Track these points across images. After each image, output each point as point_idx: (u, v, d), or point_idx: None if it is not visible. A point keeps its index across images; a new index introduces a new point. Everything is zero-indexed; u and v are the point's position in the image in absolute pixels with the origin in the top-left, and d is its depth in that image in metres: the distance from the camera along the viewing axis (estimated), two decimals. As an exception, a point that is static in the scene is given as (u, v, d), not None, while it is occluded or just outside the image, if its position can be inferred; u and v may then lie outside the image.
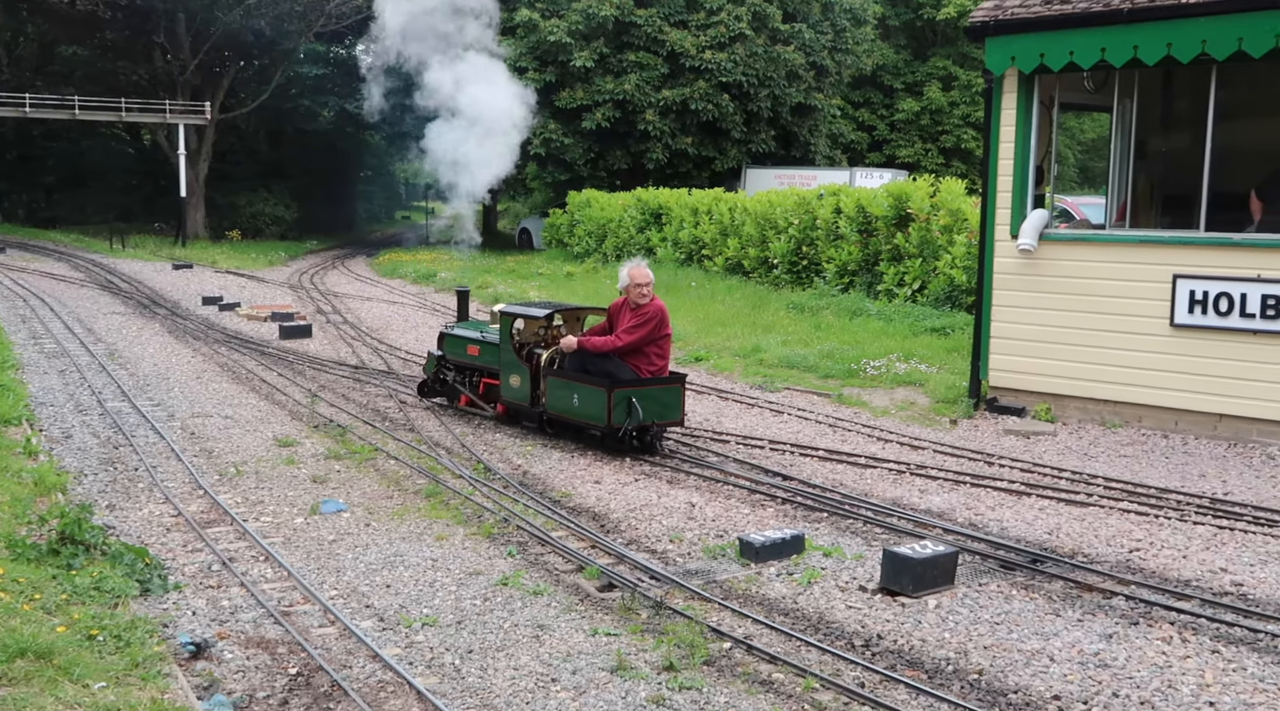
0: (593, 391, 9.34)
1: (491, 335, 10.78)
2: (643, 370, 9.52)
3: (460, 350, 11.16)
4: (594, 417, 9.37)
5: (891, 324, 15.87)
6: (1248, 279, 9.55)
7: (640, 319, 9.53)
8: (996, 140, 11.10)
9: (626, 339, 9.47)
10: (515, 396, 10.30)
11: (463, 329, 11.36)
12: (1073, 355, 10.70)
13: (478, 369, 11.04)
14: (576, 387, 9.54)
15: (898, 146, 40.40)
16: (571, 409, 9.63)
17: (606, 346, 9.53)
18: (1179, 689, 5.09)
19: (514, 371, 10.25)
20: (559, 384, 9.77)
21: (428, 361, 11.71)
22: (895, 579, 6.35)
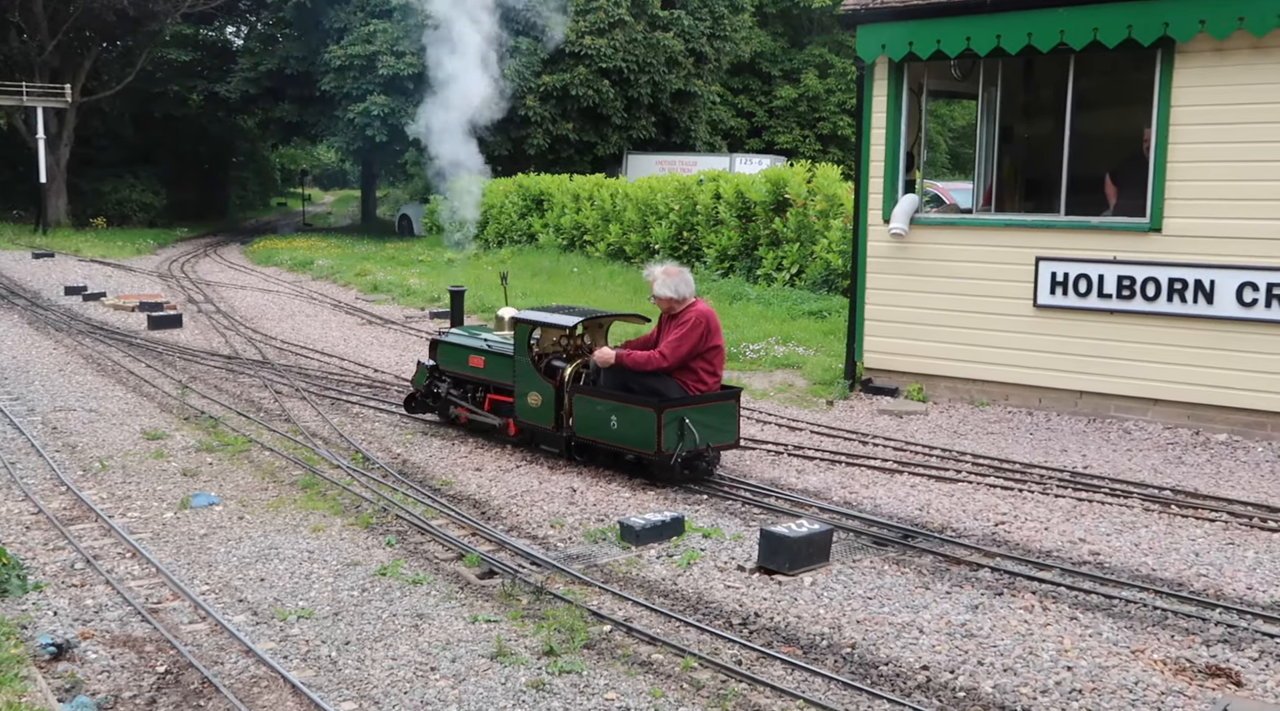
0: (638, 412, 8.01)
1: (501, 345, 9.36)
2: (691, 389, 8.21)
3: (459, 361, 9.71)
4: (638, 442, 8.05)
5: (770, 308, 16.12)
6: (1104, 261, 9.95)
7: (683, 329, 8.16)
8: (868, 127, 11.34)
9: (671, 354, 8.12)
10: (533, 417, 8.83)
11: (461, 336, 9.88)
12: (943, 336, 11.00)
13: (482, 383, 9.57)
14: (615, 408, 8.17)
15: (776, 133, 40.95)
16: (608, 432, 8.24)
17: (651, 364, 8.17)
18: (1039, 655, 5.30)
19: (532, 388, 8.77)
20: (591, 403, 8.38)
21: (417, 373, 10.21)
22: (772, 558, 6.47)
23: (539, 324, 8.85)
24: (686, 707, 4.84)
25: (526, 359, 8.84)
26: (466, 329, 10.12)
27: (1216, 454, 9.07)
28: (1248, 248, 9.21)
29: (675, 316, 8.32)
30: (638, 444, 8.07)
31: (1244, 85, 9.14)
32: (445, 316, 17.63)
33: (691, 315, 8.21)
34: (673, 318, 8.33)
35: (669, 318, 8.38)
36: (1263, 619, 5.71)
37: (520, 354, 8.90)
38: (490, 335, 9.70)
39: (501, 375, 9.23)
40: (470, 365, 9.58)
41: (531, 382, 8.79)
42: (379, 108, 32.99)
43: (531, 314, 9.00)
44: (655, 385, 8.17)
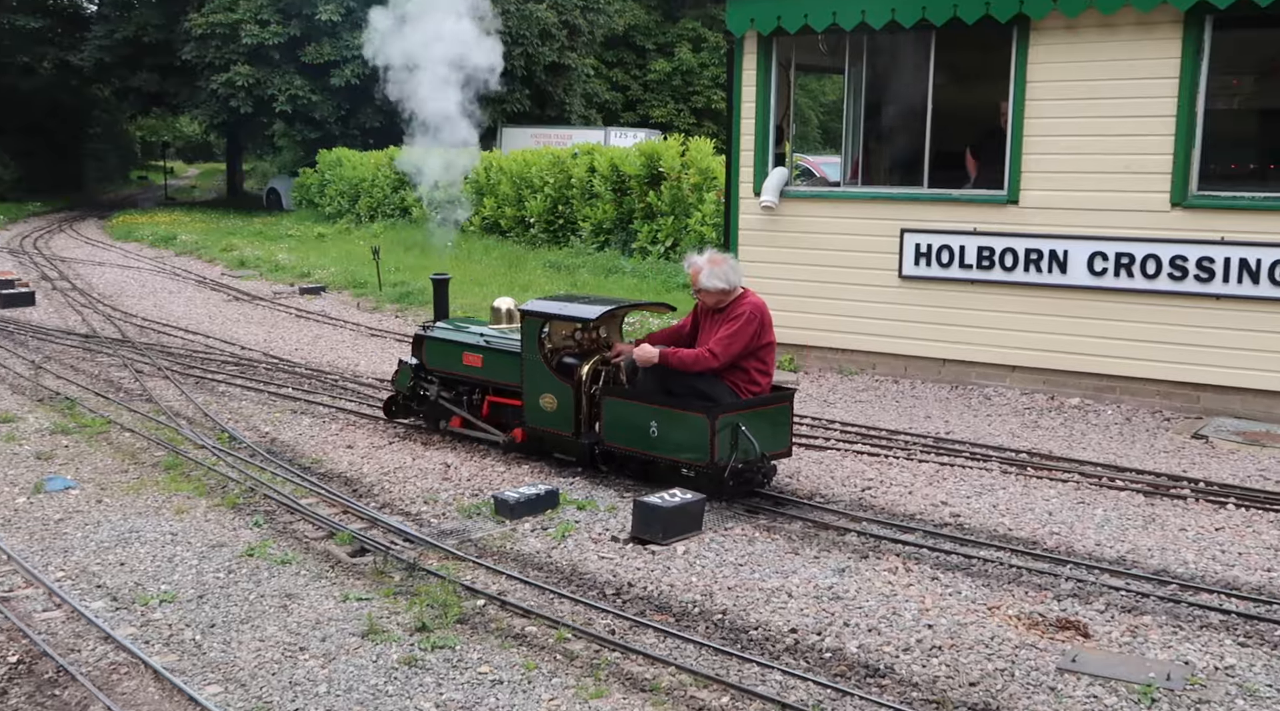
0: (687, 419, 7.02)
1: (503, 340, 8.32)
2: (742, 391, 7.24)
3: (450, 359, 8.60)
4: (687, 452, 7.06)
5: (646, 281, 16.21)
6: (965, 232, 10.25)
7: (735, 325, 7.16)
8: (739, 100, 11.45)
9: (723, 354, 7.12)
10: (547, 422, 7.81)
11: (452, 331, 8.79)
12: (813, 307, 11.21)
13: (479, 384, 8.51)
14: (658, 413, 7.17)
15: (651, 106, 41.04)
16: (647, 440, 7.23)
17: (700, 364, 7.16)
18: (902, 615, 5.47)
19: (546, 389, 7.75)
20: (626, 408, 7.38)
21: (399, 373, 9.00)
22: (645, 528, 6.52)
23: (552, 316, 7.79)
24: (560, 678, 4.87)
25: (537, 356, 7.76)
26: (453, 322, 8.99)
27: (1069, 417, 9.46)
28: (1098, 219, 9.59)
29: (724, 310, 7.32)
30: (686, 454, 7.06)
31: (1094, 62, 9.49)
32: (316, 292, 17.29)
33: (744, 308, 7.22)
34: (719, 311, 7.33)
35: (713, 311, 7.38)
36: (1109, 573, 5.99)
37: (530, 351, 7.82)
38: (486, 329, 8.63)
39: (504, 375, 8.19)
40: (465, 364, 8.48)
41: (544, 383, 7.76)
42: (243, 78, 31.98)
43: (542, 305, 7.96)
44: (701, 387, 7.18)
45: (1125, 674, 4.80)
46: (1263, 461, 8.12)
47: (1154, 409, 9.54)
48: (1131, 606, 5.57)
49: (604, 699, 4.68)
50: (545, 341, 7.82)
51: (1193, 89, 9.08)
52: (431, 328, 8.88)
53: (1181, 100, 9.11)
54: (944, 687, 4.75)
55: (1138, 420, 9.32)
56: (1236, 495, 7.28)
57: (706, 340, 7.30)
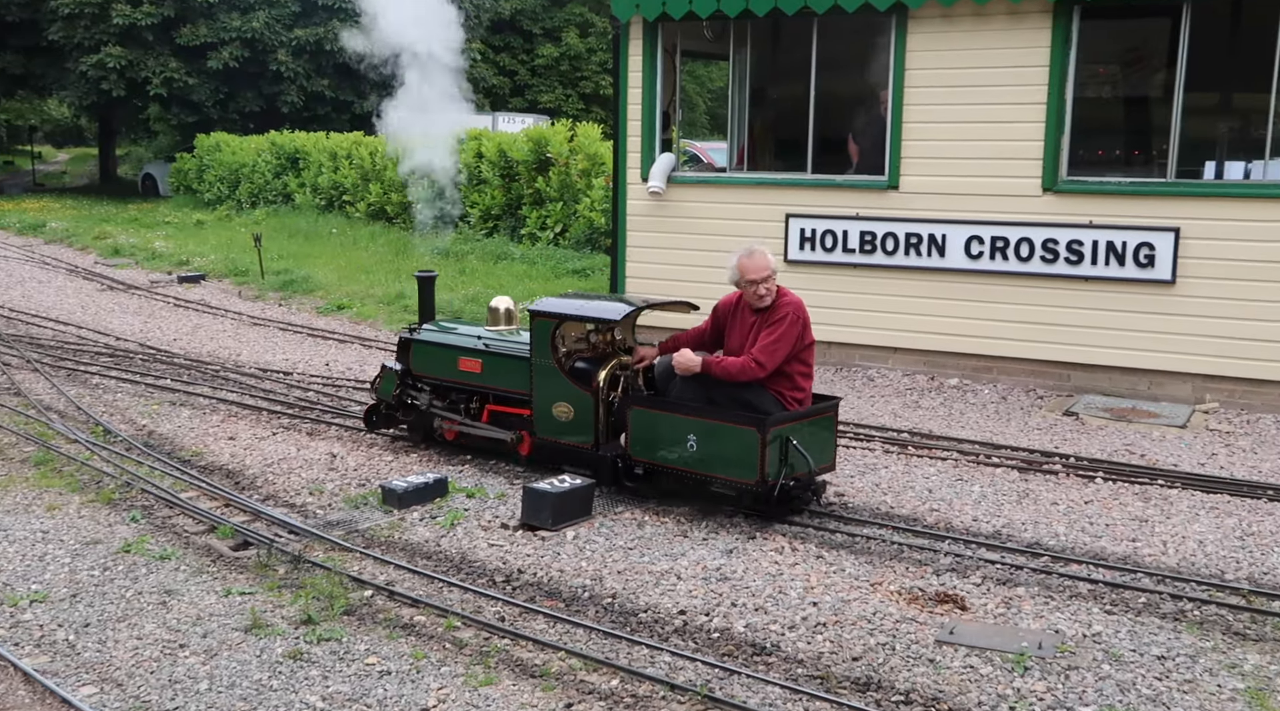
0: (732, 432, 6.43)
1: (505, 343, 7.66)
2: (786, 398, 6.65)
3: (443, 364, 7.90)
4: (732, 469, 6.46)
5: (535, 267, 16.15)
6: (848, 217, 10.44)
7: (779, 329, 6.56)
8: (625, 86, 11.46)
9: (769, 362, 6.52)
10: (562, 433, 7.16)
11: (442, 333, 8.11)
12: (702, 292, 11.20)
13: (477, 392, 7.83)
14: (698, 426, 6.56)
15: (539, 92, 40.80)
16: (685, 456, 6.62)
17: (746, 373, 6.54)
18: (788, 593, 5.57)
19: (559, 397, 7.11)
20: (659, 420, 6.73)
21: (382, 379, 8.20)
22: (535, 514, 6.52)
23: (567, 317, 7.13)
24: (449, 666, 4.84)
25: (551, 361, 7.11)
26: (439, 324, 8.31)
27: (949, 397, 9.72)
28: (974, 203, 9.86)
29: (764, 312, 6.66)
30: (731, 471, 6.48)
31: (968, 50, 9.74)
32: (195, 280, 16.81)
33: (786, 310, 6.60)
34: (757, 312, 6.70)
35: (750, 311, 6.73)
36: (985, 547, 6.19)
37: (541, 355, 7.16)
38: (483, 331, 7.95)
39: (507, 381, 7.53)
40: (461, 370, 7.79)
41: (558, 390, 7.11)
42: (115, 60, 30.84)
43: (556, 304, 7.30)
44: (746, 396, 6.59)
45: (1000, 643, 4.97)
46: (1128, 436, 8.46)
47: (1028, 388, 9.86)
48: (1006, 578, 5.77)
49: (494, 686, 4.67)
50: (559, 345, 7.21)
51: (1062, 77, 9.38)
52: (418, 330, 8.20)
53: (1051, 88, 9.41)
54: (828, 663, 4.86)
55: (1013, 399, 9.63)
56: (1104, 469, 7.58)
57: (732, 344, 6.77)
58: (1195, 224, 9.07)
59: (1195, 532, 6.41)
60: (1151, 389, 9.43)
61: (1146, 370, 9.41)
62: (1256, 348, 8.96)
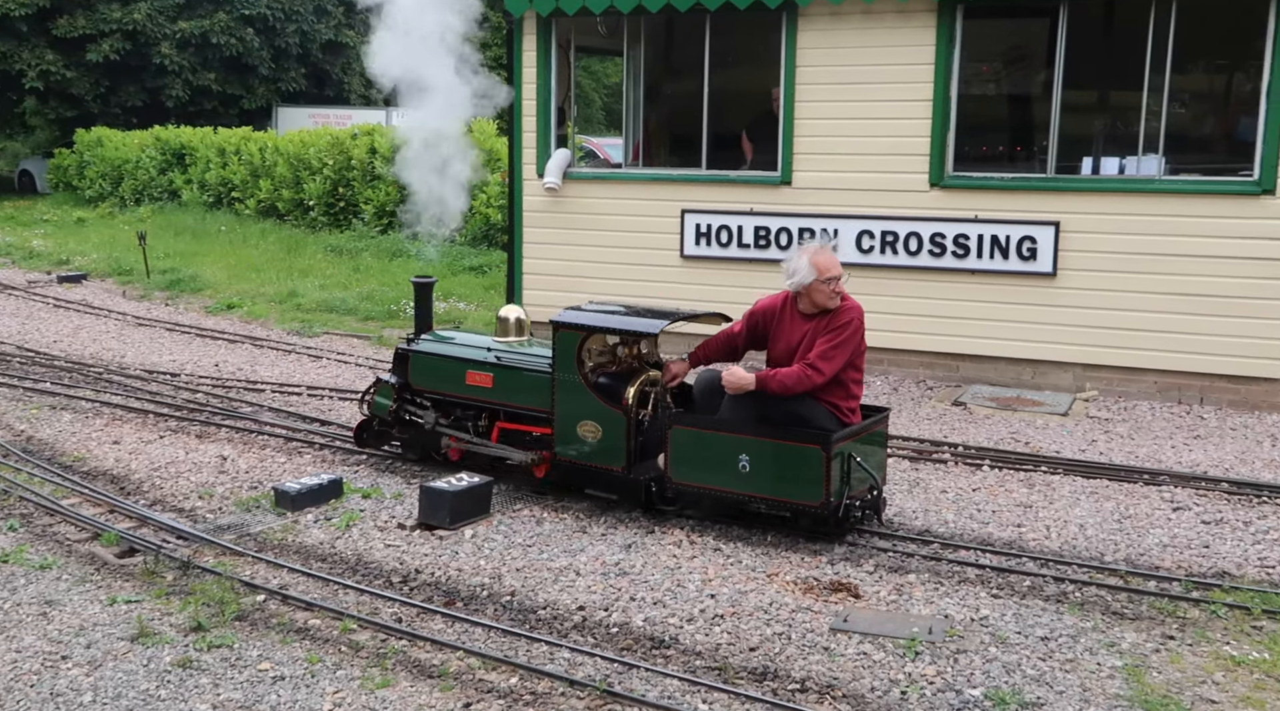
0: (792, 451, 6.00)
1: (519, 356, 7.13)
2: (841, 409, 6.19)
3: (448, 377, 7.33)
4: (794, 491, 6.03)
5: (431, 264, 15.98)
6: (743, 212, 10.56)
7: (841, 334, 6.12)
8: (519, 82, 11.41)
9: (828, 368, 6.06)
10: (588, 455, 6.64)
11: (445, 345, 7.53)
12: (599, 288, 11.28)
13: (486, 408, 7.26)
14: (750, 445, 6.09)
15: (434, 87, 40.33)
16: (736, 478, 6.13)
17: (804, 383, 6.06)
18: (686, 586, 5.62)
19: (585, 415, 6.60)
20: (705, 440, 6.26)
21: (376, 394, 7.62)
22: (432, 513, 6.47)
23: (596, 329, 6.64)
24: (345, 670, 4.78)
25: (577, 376, 6.60)
26: (436, 334, 7.71)
27: (843, 389, 9.88)
28: (864, 199, 10.04)
29: (825, 315, 6.21)
30: (791, 493, 6.04)
31: (858, 48, 9.91)
32: (76, 280, 16.26)
33: (850, 314, 6.16)
34: (813, 316, 6.26)
35: (801, 315, 6.31)
36: (877, 536, 6.31)
37: (566, 369, 6.65)
38: (492, 342, 7.37)
39: (523, 398, 6.98)
40: (469, 384, 7.22)
41: (583, 409, 6.60)
42: (-15, 51, 29.65)
43: (582, 316, 6.72)
44: (802, 411, 6.14)
45: (892, 630, 5.08)
46: (1013, 424, 8.72)
47: (919, 379, 10.09)
48: (898, 566, 5.89)
49: (391, 688, 4.62)
50: (586, 359, 6.73)
51: (947, 75, 9.61)
52: (416, 341, 7.61)
53: (937, 86, 9.64)
54: (726, 654, 4.91)
55: (904, 389, 9.84)
56: (991, 457, 7.79)
57: (778, 350, 6.37)
58: (1074, 218, 9.38)
59: (1076, 517, 6.64)
60: (1035, 378, 9.73)
61: (1030, 360, 9.71)
62: (1132, 337, 9.30)
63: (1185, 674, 4.72)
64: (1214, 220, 8.97)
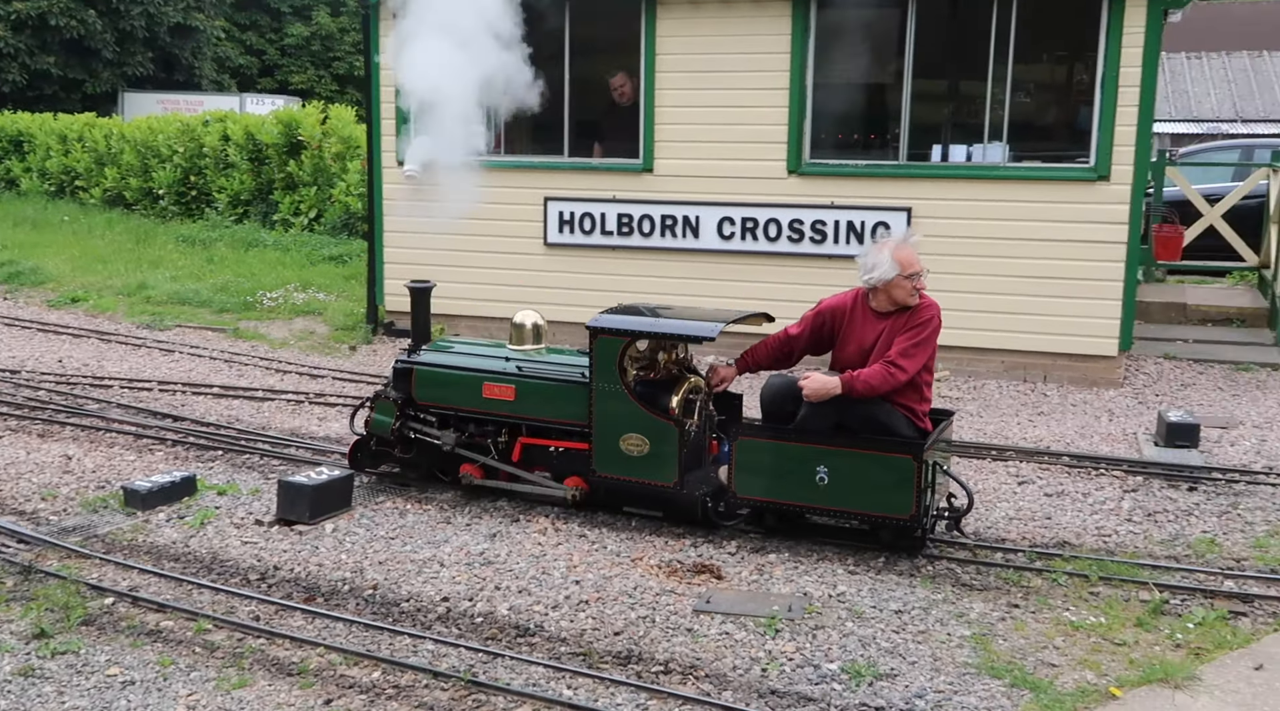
0: (881, 462, 5.63)
1: (543, 365, 6.62)
2: (916, 413, 5.86)
3: (463, 391, 6.74)
4: (880, 504, 5.65)
5: (289, 254, 15.61)
6: (605, 200, 10.59)
7: (923, 332, 5.78)
8: (377, 67, 11.21)
9: (911, 366, 5.72)
10: (633, 470, 6.16)
11: (452, 355, 7.00)
12: (462, 276, 11.21)
13: (505, 423, 6.69)
14: (831, 457, 5.70)
15: (290, 72, 39.36)
16: (812, 492, 5.75)
17: (889, 383, 5.70)
18: (551, 574, 5.63)
19: (630, 428, 6.11)
20: (779, 453, 5.84)
21: (375, 410, 6.98)
22: (291, 508, 6.33)
23: (641, 334, 6.15)
24: (200, 671, 4.65)
25: (620, 386, 6.11)
26: (438, 345, 7.16)
27: (707, 374, 10.00)
28: (724, 186, 10.18)
29: (894, 313, 5.89)
30: (877, 506, 5.66)
31: (716, 36, 10.03)
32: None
33: (930, 311, 5.83)
34: (888, 314, 5.91)
35: (874, 313, 5.96)
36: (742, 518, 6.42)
37: (606, 379, 6.14)
38: (508, 351, 6.82)
39: (551, 410, 6.48)
40: (485, 398, 6.65)
41: (629, 421, 6.11)
42: None
43: (624, 320, 6.20)
44: (878, 416, 5.77)
45: (753, 609, 5.18)
46: (872, 405, 8.95)
47: (780, 363, 10.27)
48: (759, 547, 6.00)
49: (248, 688, 4.52)
50: (629, 366, 6.28)
51: (802, 64, 9.80)
52: (417, 353, 7.02)
53: (793, 74, 9.82)
54: (591, 640, 4.94)
55: (765, 375, 9.99)
56: (849, 437, 7.98)
57: (848, 351, 5.99)
58: (925, 204, 9.68)
59: (930, 493, 6.85)
60: (891, 360, 10.00)
61: (886, 342, 9.97)
62: (980, 318, 9.64)
63: (1028, 640, 4.94)
64: (1054, 205, 9.37)
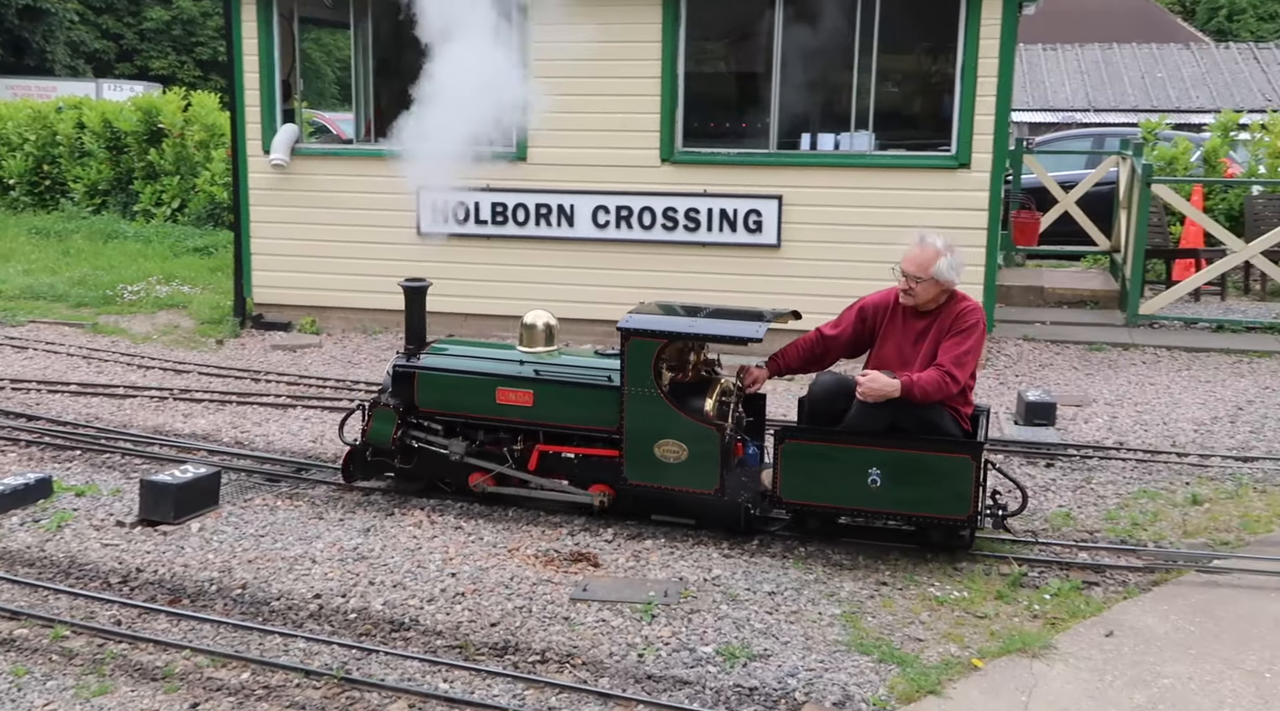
0: (939, 463, 5.47)
1: (563, 368, 6.32)
2: (962, 414, 5.74)
3: (474, 396, 6.39)
4: (935, 505, 5.50)
5: (151, 245, 15.11)
6: (480, 189, 10.49)
7: (970, 337, 5.63)
8: (240, 53, 10.92)
9: (962, 374, 5.57)
10: (669, 477, 5.88)
11: (456, 358, 6.63)
12: (333, 267, 11.01)
13: (522, 430, 6.34)
14: (886, 459, 5.50)
15: (150, 58, 38.05)
16: (864, 494, 5.55)
17: (943, 391, 5.53)
18: (427, 567, 5.57)
19: (668, 434, 5.83)
20: (830, 455, 5.63)
21: (374, 419, 6.58)
22: (155, 508, 6.14)
23: (682, 336, 5.94)
24: (56, 680, 4.48)
25: (655, 390, 5.84)
26: (437, 348, 6.77)
27: (584, 363, 10.02)
28: (599, 174, 10.19)
29: (930, 314, 5.77)
30: (932, 507, 5.51)
31: (589, 25, 9.91)
32: None
33: (976, 315, 5.70)
34: (924, 315, 5.78)
35: (911, 315, 5.83)
36: (552, 509, 6.43)
37: (640, 383, 5.86)
38: (521, 353, 6.45)
39: (572, 415, 6.19)
40: (500, 403, 6.32)
41: (665, 426, 5.84)
42: None
43: (659, 321, 5.94)
44: (932, 418, 5.61)
45: (629, 596, 5.21)
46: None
47: (657, 350, 10.33)
48: (636, 534, 6.04)
49: (109, 695, 4.37)
50: (662, 370, 5.97)
51: (674, 53, 9.86)
52: (418, 356, 6.63)
53: (665, 64, 9.87)
54: (467, 632, 4.91)
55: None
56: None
57: (886, 353, 5.86)
58: (795, 191, 9.84)
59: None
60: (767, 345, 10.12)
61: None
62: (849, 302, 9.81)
63: (896, 616, 5.08)
64: (919, 192, 9.62)
